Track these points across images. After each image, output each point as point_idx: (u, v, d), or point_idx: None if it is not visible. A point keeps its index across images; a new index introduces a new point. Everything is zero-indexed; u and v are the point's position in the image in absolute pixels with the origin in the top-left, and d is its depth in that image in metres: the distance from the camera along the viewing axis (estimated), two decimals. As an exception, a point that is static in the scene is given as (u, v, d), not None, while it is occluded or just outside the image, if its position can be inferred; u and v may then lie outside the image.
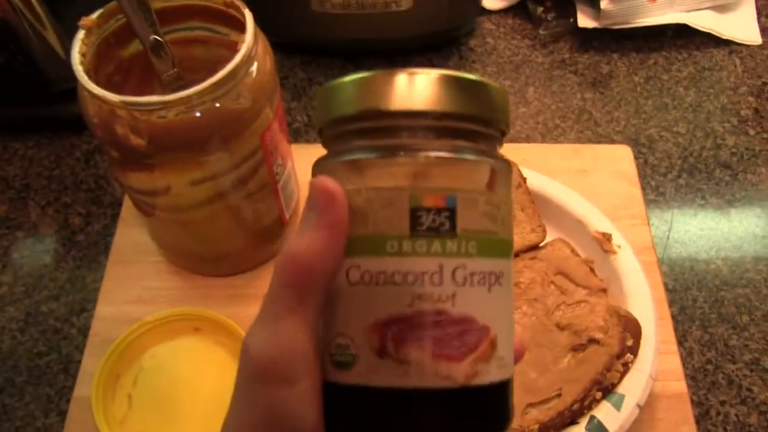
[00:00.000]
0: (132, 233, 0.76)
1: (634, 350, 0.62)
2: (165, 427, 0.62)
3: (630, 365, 0.62)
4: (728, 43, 0.96)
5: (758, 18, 0.97)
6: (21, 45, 0.78)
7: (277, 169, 0.65)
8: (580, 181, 0.78)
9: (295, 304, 0.30)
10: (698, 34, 0.96)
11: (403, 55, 0.94)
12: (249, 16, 0.59)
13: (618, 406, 0.60)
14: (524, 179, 0.73)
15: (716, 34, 0.95)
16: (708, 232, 0.79)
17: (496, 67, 0.94)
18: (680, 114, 0.89)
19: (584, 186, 0.76)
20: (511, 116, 0.85)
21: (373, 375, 0.30)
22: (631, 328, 0.63)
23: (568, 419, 0.60)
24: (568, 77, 0.93)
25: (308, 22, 0.90)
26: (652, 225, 0.78)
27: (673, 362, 0.67)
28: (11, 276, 0.76)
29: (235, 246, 0.71)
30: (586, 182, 0.79)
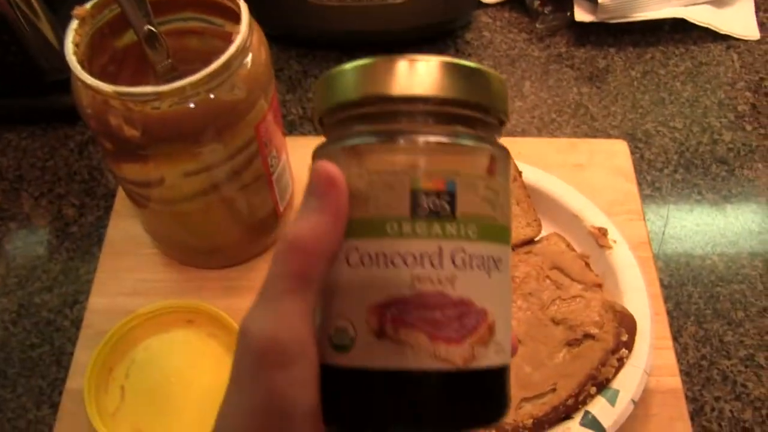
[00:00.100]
0: (126, 225, 0.76)
1: (629, 345, 0.62)
2: (158, 419, 0.62)
3: (625, 360, 0.62)
4: (726, 38, 0.95)
5: (756, 13, 0.97)
6: (14, 35, 0.78)
7: (271, 161, 0.65)
8: (576, 175, 0.78)
9: (294, 288, 0.30)
10: (696, 28, 0.96)
11: (399, 47, 0.94)
12: (244, 7, 0.59)
13: (612, 402, 0.60)
14: (520, 173, 0.73)
15: (714, 28, 0.95)
16: (704, 227, 0.79)
17: (493, 61, 0.93)
18: (677, 109, 0.88)
19: (580, 180, 0.76)
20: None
21: (372, 357, 0.30)
22: (626, 324, 0.63)
23: (562, 414, 0.60)
24: (565, 71, 0.92)
25: (304, 13, 0.90)
26: (647, 220, 0.78)
27: (668, 358, 0.67)
28: (4, 267, 0.76)
29: (229, 238, 0.71)
30: (582, 177, 0.78)
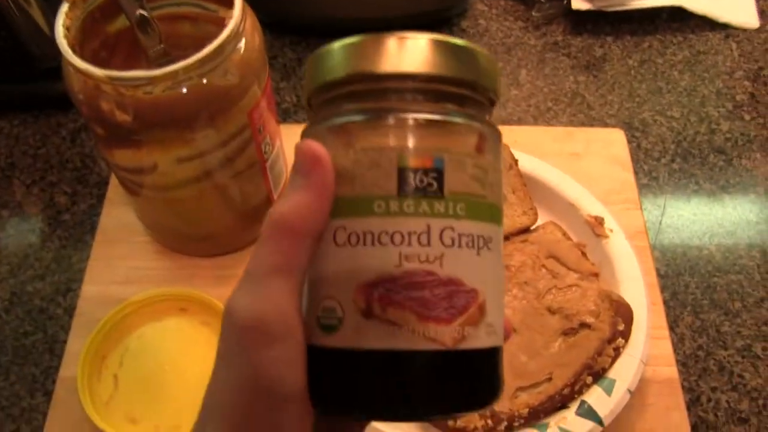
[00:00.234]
0: (118, 213, 0.75)
1: (626, 335, 0.62)
2: (151, 407, 0.62)
3: (621, 350, 0.62)
4: (724, 26, 0.95)
5: (756, 0, 0.96)
6: (4, 21, 0.77)
7: (265, 148, 0.64)
8: (573, 164, 0.78)
9: (279, 267, 0.30)
10: (694, 17, 0.95)
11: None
12: (237, -8, 0.58)
13: (609, 391, 0.60)
14: (516, 161, 0.73)
15: (712, 17, 0.94)
16: (701, 217, 0.78)
17: (488, 49, 0.93)
18: (674, 98, 0.88)
19: (576, 169, 0.76)
20: (502, 99, 0.85)
21: (360, 337, 0.30)
22: (623, 313, 0.63)
23: (558, 403, 0.60)
24: (561, 60, 0.92)
25: (298, 0, 0.89)
26: (644, 210, 0.77)
27: (665, 348, 0.67)
28: (-4, 255, 0.76)
29: (222, 226, 0.70)
30: (578, 166, 0.78)
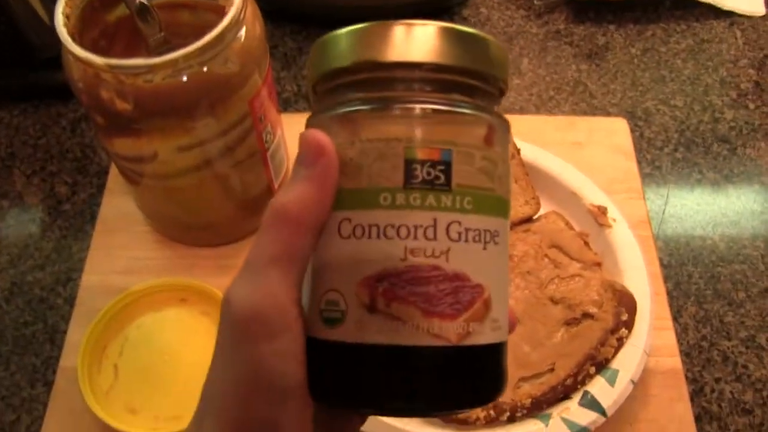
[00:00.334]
0: (118, 203, 0.75)
1: (629, 325, 0.62)
2: (151, 397, 0.62)
3: (624, 340, 0.61)
4: (729, 14, 0.94)
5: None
6: (3, 10, 0.77)
7: (266, 137, 0.64)
8: (575, 153, 0.77)
9: (279, 258, 0.29)
10: (698, 4, 0.94)
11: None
12: (238, -20, 0.58)
13: (612, 382, 0.60)
14: (518, 150, 0.72)
15: (716, 4, 0.94)
16: (705, 207, 0.78)
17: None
18: (678, 87, 0.87)
19: (579, 159, 0.75)
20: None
21: (363, 331, 0.29)
22: (626, 303, 0.62)
23: (561, 394, 0.60)
24: (563, 48, 0.91)
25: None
26: (647, 199, 0.77)
27: (668, 338, 0.67)
28: (-4, 245, 0.75)
29: (222, 215, 0.70)
30: (580, 155, 0.78)
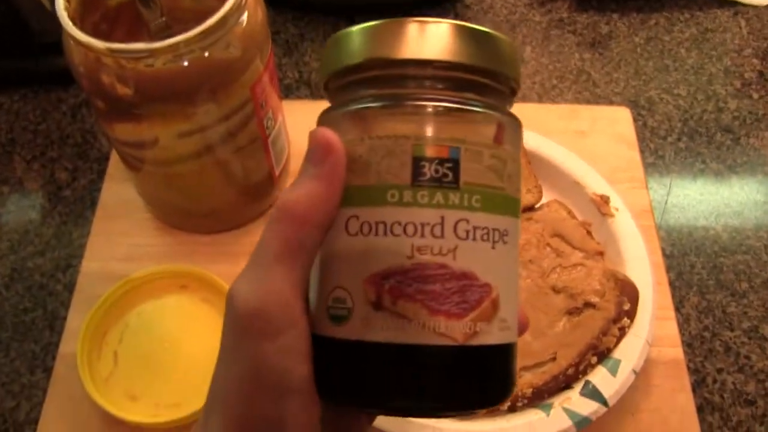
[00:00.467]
0: (119, 189, 0.75)
1: (631, 315, 0.61)
2: (151, 384, 0.62)
3: (626, 330, 0.61)
4: (733, 3, 0.94)
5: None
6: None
7: (267, 124, 0.64)
8: (578, 142, 0.77)
9: (285, 256, 0.29)
10: (702, -6, 0.94)
11: (397, 11, 0.92)
12: (240, -36, 0.57)
13: (614, 372, 0.59)
14: (521, 139, 0.72)
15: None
16: (708, 197, 0.77)
17: (493, 26, 0.92)
18: (681, 76, 0.87)
19: (582, 148, 0.75)
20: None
21: (369, 329, 0.29)
22: (628, 292, 0.62)
23: (562, 383, 0.60)
24: (567, 37, 0.91)
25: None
26: (650, 189, 0.76)
27: (670, 328, 0.66)
28: (-5, 231, 0.75)
29: (223, 202, 0.70)
30: (583, 144, 0.77)
